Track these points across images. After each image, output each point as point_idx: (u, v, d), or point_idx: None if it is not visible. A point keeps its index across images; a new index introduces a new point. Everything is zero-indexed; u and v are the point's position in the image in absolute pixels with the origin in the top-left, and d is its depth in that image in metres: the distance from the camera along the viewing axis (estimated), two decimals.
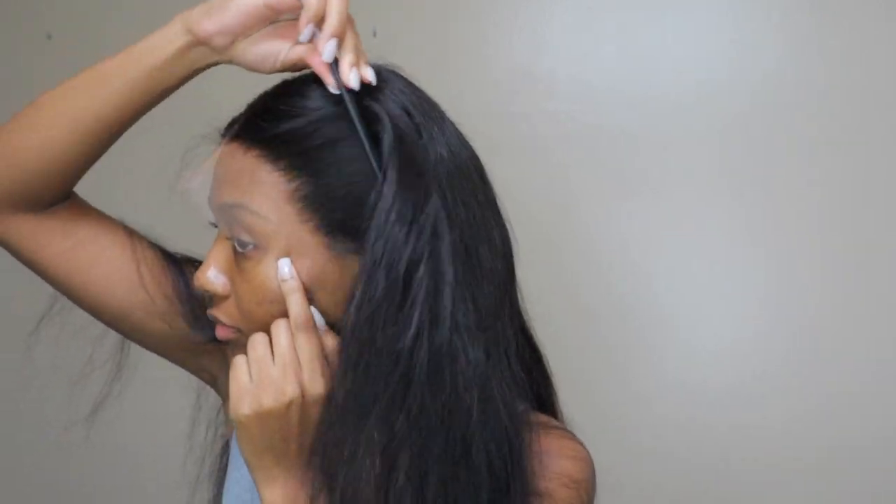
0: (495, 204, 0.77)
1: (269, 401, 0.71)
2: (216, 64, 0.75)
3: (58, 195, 0.82)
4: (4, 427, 1.85)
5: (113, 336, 0.88)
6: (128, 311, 0.84)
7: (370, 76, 0.71)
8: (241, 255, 0.74)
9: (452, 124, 0.76)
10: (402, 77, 0.75)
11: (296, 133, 0.71)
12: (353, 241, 0.72)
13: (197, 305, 0.83)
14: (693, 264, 1.54)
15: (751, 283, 1.52)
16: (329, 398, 0.72)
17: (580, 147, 1.56)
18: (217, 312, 0.76)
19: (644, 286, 1.55)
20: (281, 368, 0.72)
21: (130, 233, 0.85)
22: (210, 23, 0.72)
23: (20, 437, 1.83)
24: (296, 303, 0.72)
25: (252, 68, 0.75)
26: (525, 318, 0.81)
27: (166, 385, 0.96)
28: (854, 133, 1.45)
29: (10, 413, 1.82)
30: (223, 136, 0.76)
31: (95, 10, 1.79)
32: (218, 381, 0.92)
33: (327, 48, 0.70)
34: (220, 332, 0.77)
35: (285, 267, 0.72)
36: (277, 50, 0.73)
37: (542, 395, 0.84)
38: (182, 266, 0.85)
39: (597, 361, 1.53)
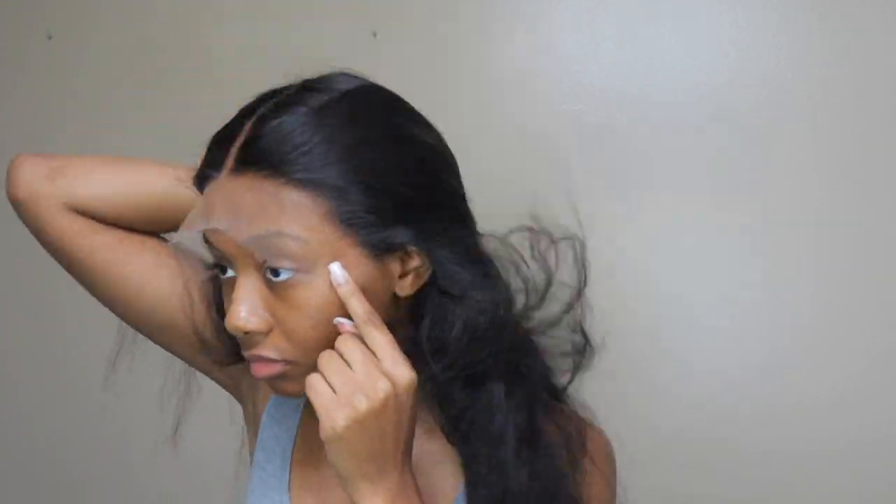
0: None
1: (364, 403, 0.69)
2: None
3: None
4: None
5: (178, 363, 0.90)
6: (166, 307, 0.85)
7: None
8: (280, 285, 0.71)
9: (419, 115, 0.78)
10: (356, 79, 0.76)
11: (308, 152, 0.70)
12: (392, 245, 0.72)
13: None
14: (693, 263, 1.54)
15: (749, 280, 1.52)
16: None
17: (580, 147, 1.55)
18: (262, 350, 0.73)
19: (644, 284, 1.55)
20: (363, 368, 0.70)
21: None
22: None
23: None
24: (358, 302, 0.71)
25: None
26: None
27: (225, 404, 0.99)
28: (854, 133, 1.45)
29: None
30: (213, 171, 0.73)
31: (95, 10, 1.79)
32: (241, 386, 0.92)
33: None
34: (265, 370, 0.74)
35: (337, 270, 0.70)
36: None
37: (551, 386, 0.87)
38: None
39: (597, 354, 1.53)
